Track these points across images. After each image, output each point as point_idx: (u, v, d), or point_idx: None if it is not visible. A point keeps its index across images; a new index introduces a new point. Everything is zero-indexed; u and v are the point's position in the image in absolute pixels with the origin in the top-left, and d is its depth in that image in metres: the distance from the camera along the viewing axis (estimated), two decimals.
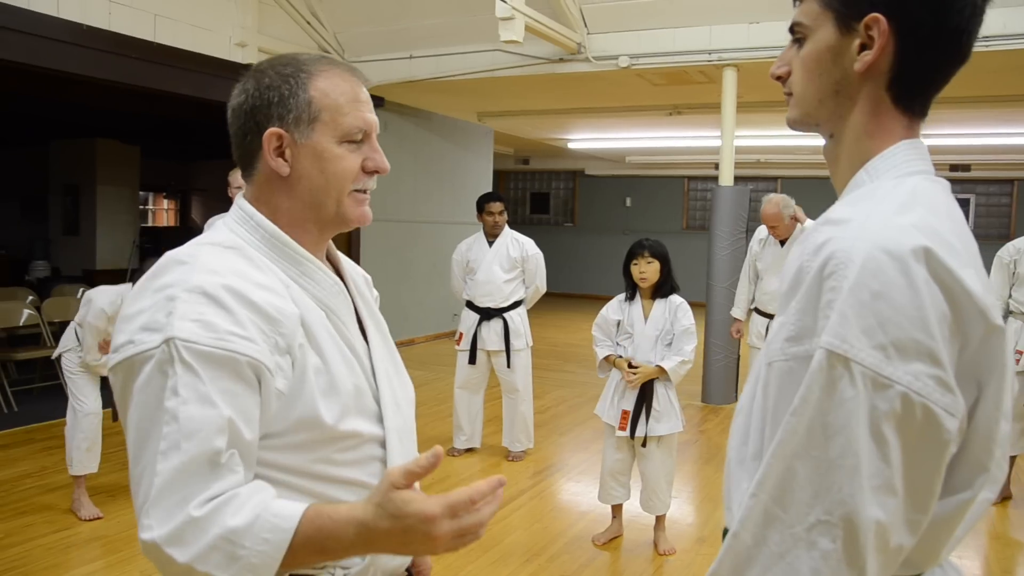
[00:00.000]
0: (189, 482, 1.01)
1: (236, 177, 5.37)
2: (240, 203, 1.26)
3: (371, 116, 1.25)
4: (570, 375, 8.38)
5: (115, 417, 4.57)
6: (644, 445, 3.91)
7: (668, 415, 3.90)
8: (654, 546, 3.96)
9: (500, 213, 5.38)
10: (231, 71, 6.87)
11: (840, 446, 0.85)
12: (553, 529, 4.21)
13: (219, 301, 1.07)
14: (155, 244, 13.27)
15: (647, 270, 3.87)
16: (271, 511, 1.03)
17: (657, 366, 3.85)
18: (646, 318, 3.93)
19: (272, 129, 1.20)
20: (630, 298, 3.98)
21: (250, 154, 1.24)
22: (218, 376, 1.04)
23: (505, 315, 5.33)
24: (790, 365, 0.91)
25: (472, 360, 5.37)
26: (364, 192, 1.26)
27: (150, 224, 16.19)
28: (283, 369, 1.12)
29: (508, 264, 5.35)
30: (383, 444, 1.25)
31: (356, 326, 1.29)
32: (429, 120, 10.04)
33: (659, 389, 3.90)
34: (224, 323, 1.06)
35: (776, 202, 5.18)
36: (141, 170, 12.59)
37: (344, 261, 1.39)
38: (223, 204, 5.52)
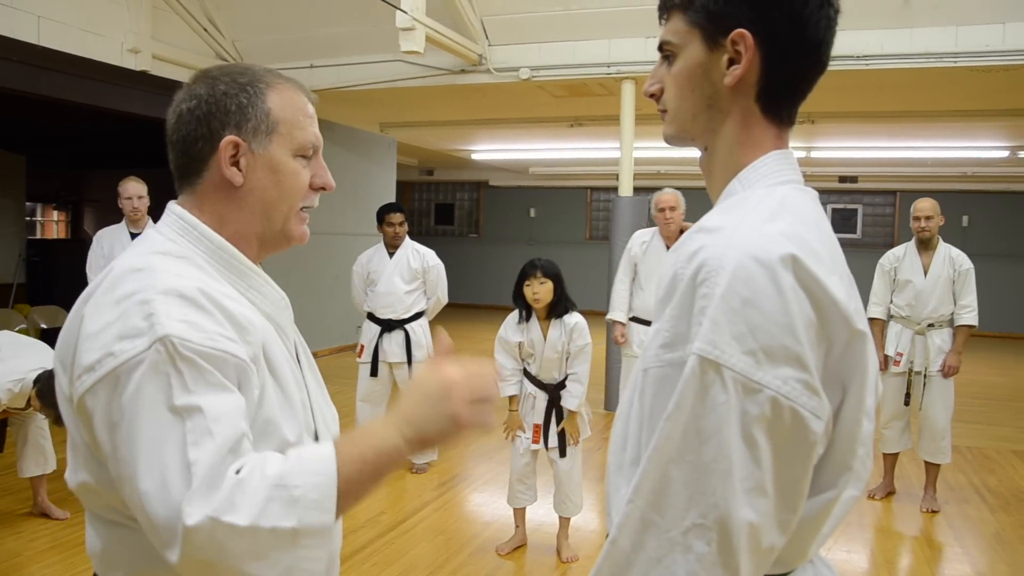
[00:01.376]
0: (227, 460, 0.96)
1: (127, 188, 5.18)
2: (179, 212, 1.21)
3: (319, 133, 1.26)
4: None
5: (59, 422, 4.34)
6: (563, 455, 3.94)
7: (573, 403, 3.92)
8: (557, 554, 3.98)
9: (400, 224, 5.35)
10: (124, 78, 6.64)
11: (713, 450, 0.87)
12: (457, 540, 4.20)
13: (197, 303, 1.05)
14: (45, 257, 12.67)
15: (540, 291, 3.86)
16: (303, 452, 1.01)
17: (569, 411, 3.89)
18: (545, 338, 3.93)
19: (230, 136, 1.17)
20: (525, 319, 3.95)
21: (197, 161, 1.19)
22: (218, 373, 1.02)
23: (407, 326, 5.29)
24: (665, 371, 0.93)
25: (374, 372, 5.32)
26: (307, 210, 1.26)
27: (39, 236, 15.45)
28: (258, 375, 1.11)
29: (409, 275, 5.31)
30: None
31: (290, 340, 1.27)
32: (331, 131, 9.88)
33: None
34: (209, 324, 1.04)
35: (675, 193, 5.25)
36: (27, 180, 12.02)
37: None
38: (117, 215, 5.32)
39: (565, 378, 3.93)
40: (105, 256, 5.17)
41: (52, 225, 16.13)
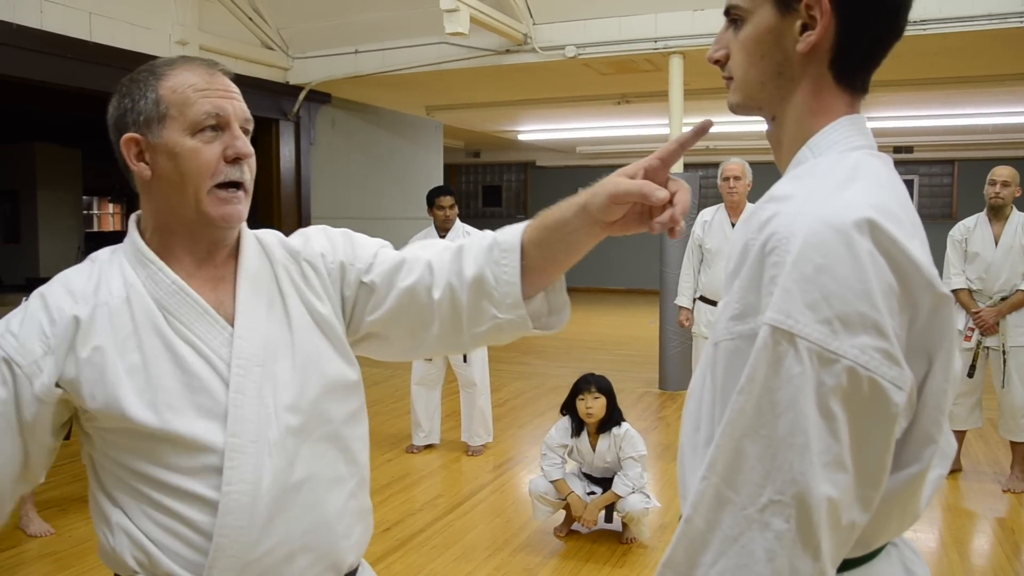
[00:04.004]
0: None
1: None
2: (131, 223, 1.32)
3: (225, 103, 1.21)
4: (527, 367, 8.37)
5: (67, 435, 4.45)
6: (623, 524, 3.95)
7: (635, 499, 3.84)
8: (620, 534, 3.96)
9: (451, 207, 5.34)
10: None
11: (789, 423, 0.83)
12: (515, 522, 4.20)
13: (28, 305, 1.21)
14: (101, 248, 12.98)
15: (594, 406, 3.84)
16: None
17: (613, 492, 3.83)
18: (594, 450, 3.92)
19: (127, 135, 1.21)
20: (575, 433, 3.93)
21: (123, 164, 1.25)
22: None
23: None
24: (736, 344, 0.90)
25: (429, 356, 5.33)
26: (232, 187, 1.22)
27: (95, 229, 15.84)
28: (44, 370, 1.17)
29: None
30: (221, 452, 1.17)
31: (213, 320, 1.22)
32: (377, 115, 9.92)
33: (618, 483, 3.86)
34: (14, 324, 1.20)
35: (741, 162, 5.16)
36: (84, 174, 12.30)
37: (263, 243, 1.33)
38: None
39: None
40: None
41: (108, 218, 16.51)
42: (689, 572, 0.89)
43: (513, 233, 1.28)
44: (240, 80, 1.31)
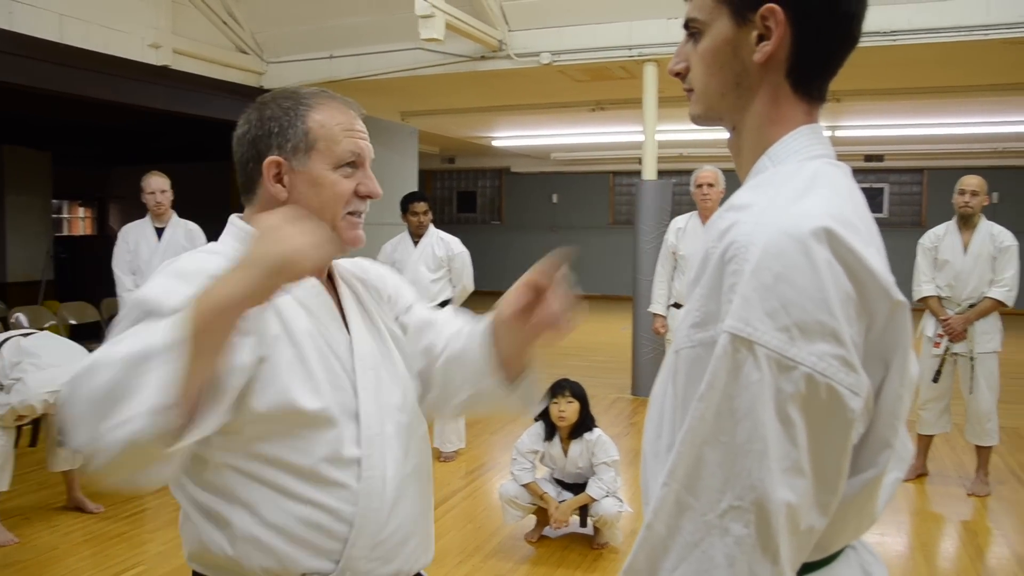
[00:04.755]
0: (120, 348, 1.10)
1: (149, 183, 5.21)
2: (235, 222, 1.38)
3: (364, 143, 1.36)
4: None
5: (33, 442, 4.41)
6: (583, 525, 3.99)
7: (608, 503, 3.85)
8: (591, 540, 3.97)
9: (424, 213, 5.34)
10: (146, 73, 6.68)
11: (748, 430, 0.84)
12: (487, 528, 4.20)
13: (186, 277, 1.18)
14: (71, 254, 12.81)
15: (567, 410, 3.86)
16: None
17: (587, 494, 3.85)
18: (566, 455, 3.93)
19: (271, 157, 1.31)
20: (548, 438, 3.96)
21: (252, 180, 1.34)
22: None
23: None
24: (697, 352, 0.91)
25: None
26: (357, 216, 1.35)
27: (65, 233, 15.62)
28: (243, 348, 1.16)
29: (434, 264, 5.31)
30: (358, 442, 1.30)
31: (339, 325, 1.36)
32: (365, 117, 9.84)
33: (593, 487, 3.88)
34: (183, 289, 1.12)
35: (715, 170, 5.21)
36: (53, 177, 12.15)
37: (340, 267, 1.47)
38: (142, 211, 5.36)
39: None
40: (131, 251, 5.21)
41: (78, 222, 16.31)
42: None
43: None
44: (213, 84, 1.35)
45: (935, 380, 4.80)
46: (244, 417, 1.22)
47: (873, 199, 14.37)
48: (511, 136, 13.10)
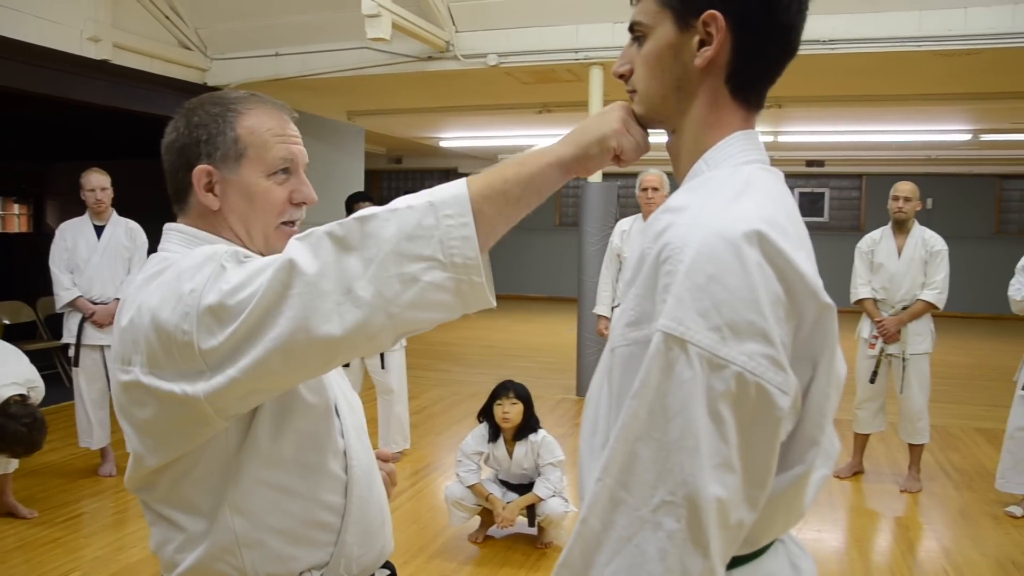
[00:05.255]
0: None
1: (89, 179, 5.09)
2: (177, 227, 1.32)
3: (297, 148, 1.33)
4: (446, 374, 8.37)
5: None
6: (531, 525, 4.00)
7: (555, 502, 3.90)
8: (536, 538, 3.99)
9: None
10: (84, 67, 6.51)
11: (680, 427, 0.87)
12: (431, 529, 4.19)
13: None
14: (6, 252, 12.44)
15: (511, 411, 3.88)
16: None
17: (534, 494, 3.88)
18: (511, 457, 3.95)
19: (201, 166, 1.27)
20: (492, 439, 3.97)
21: (182, 189, 1.30)
22: None
23: None
24: (631, 350, 0.93)
25: (346, 363, 5.28)
26: (292, 224, 1.33)
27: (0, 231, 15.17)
28: None
29: None
30: (342, 433, 1.35)
31: None
32: (298, 120, 9.74)
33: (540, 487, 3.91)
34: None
35: (659, 174, 5.25)
36: None
37: None
38: (80, 208, 5.23)
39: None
40: (69, 249, 5.09)
41: (13, 219, 15.84)
42: (584, 572, 0.91)
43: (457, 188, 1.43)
44: (155, 80, 1.32)
45: (872, 381, 4.94)
46: (259, 420, 1.22)
47: (814, 204, 14.69)
48: (458, 137, 13.09)
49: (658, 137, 1.13)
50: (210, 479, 1.21)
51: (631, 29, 1.10)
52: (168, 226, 1.35)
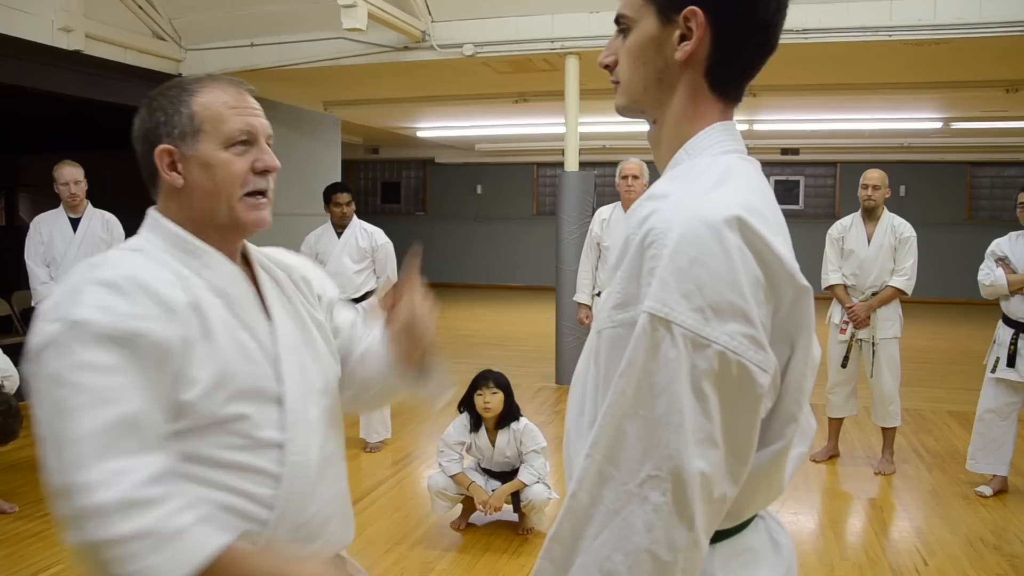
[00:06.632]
0: (118, 446, 1.10)
1: (62, 173, 5.05)
2: (150, 213, 1.36)
3: (256, 120, 1.34)
4: None
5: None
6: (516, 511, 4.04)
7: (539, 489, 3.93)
8: (517, 525, 4.04)
9: (348, 204, 5.32)
10: (56, 58, 6.44)
11: (665, 404, 0.91)
12: (414, 517, 4.22)
13: (120, 289, 1.17)
14: None
15: (492, 401, 3.90)
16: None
17: (519, 480, 3.91)
18: (493, 446, 3.98)
19: (162, 146, 1.30)
20: (474, 429, 3.99)
21: (152, 172, 1.33)
22: (121, 354, 1.13)
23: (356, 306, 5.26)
24: (617, 332, 0.97)
25: None
26: (259, 195, 1.34)
27: None
28: (179, 353, 1.19)
29: (358, 255, 5.29)
30: (281, 426, 1.31)
31: (258, 311, 1.36)
32: (273, 110, 9.57)
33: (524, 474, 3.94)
34: (124, 307, 1.16)
35: (639, 162, 5.30)
36: None
37: (259, 254, 1.46)
38: (54, 201, 5.19)
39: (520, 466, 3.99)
40: (44, 243, 5.05)
41: None
42: (574, 545, 0.95)
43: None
44: (129, 70, 1.34)
45: (843, 365, 5.02)
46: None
47: (789, 191, 14.83)
48: (435, 127, 13.08)
49: (638, 126, 1.16)
50: None
51: (616, 21, 1.14)
52: (149, 211, 1.38)
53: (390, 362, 1.50)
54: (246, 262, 1.42)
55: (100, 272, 1.20)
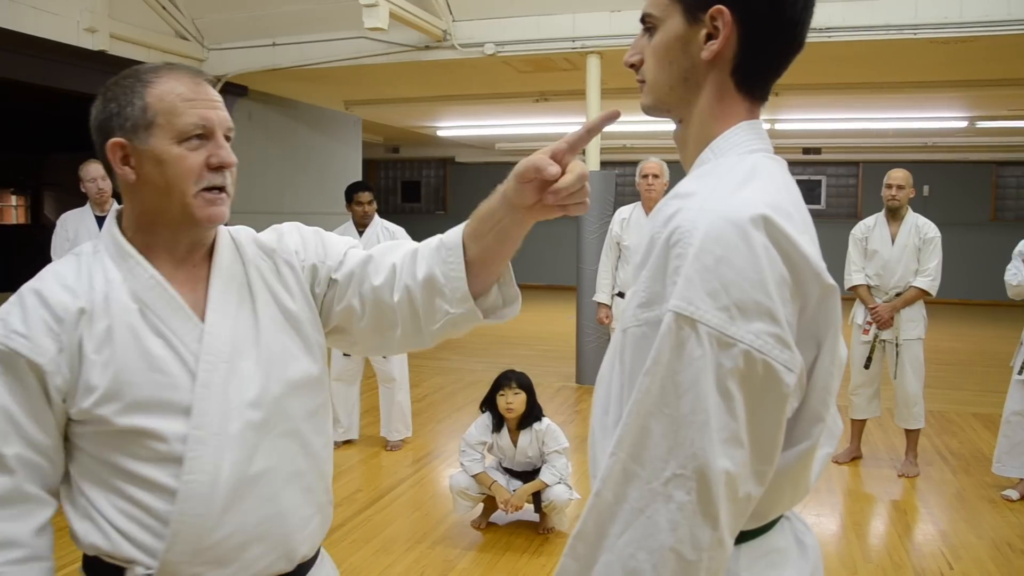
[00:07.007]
0: None
1: (88, 170, 5.10)
2: (113, 208, 1.35)
3: (210, 113, 1.27)
4: (446, 362, 8.40)
5: None
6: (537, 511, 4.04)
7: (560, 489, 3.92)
8: (539, 524, 4.04)
9: (369, 203, 5.33)
10: (81, 58, 6.51)
11: (690, 403, 0.90)
12: (434, 516, 4.23)
13: (23, 302, 1.22)
14: (4, 243, 12.44)
15: (514, 401, 3.90)
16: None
17: (541, 480, 3.90)
18: (515, 446, 3.98)
19: (113, 139, 1.25)
20: (496, 429, 3.99)
21: (107, 166, 1.29)
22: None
23: None
24: (643, 330, 0.96)
25: (347, 352, 5.31)
26: (215, 191, 1.27)
27: None
28: (61, 368, 1.21)
29: None
30: (184, 440, 1.22)
31: (186, 317, 1.27)
32: (295, 109, 9.78)
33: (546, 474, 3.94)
34: (16, 322, 1.21)
35: (660, 162, 5.30)
36: None
37: (243, 243, 1.39)
38: (79, 199, 5.24)
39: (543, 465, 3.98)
40: (70, 240, 5.10)
41: (11, 210, 15.84)
42: (598, 542, 0.95)
43: (456, 231, 1.35)
44: None
45: (866, 366, 4.98)
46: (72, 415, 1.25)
47: (811, 191, 14.73)
48: (456, 126, 13.09)
49: (659, 126, 1.15)
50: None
51: (643, 20, 1.13)
52: (115, 205, 1.37)
53: (458, 285, 1.31)
54: (210, 255, 1.34)
55: (32, 281, 1.25)
